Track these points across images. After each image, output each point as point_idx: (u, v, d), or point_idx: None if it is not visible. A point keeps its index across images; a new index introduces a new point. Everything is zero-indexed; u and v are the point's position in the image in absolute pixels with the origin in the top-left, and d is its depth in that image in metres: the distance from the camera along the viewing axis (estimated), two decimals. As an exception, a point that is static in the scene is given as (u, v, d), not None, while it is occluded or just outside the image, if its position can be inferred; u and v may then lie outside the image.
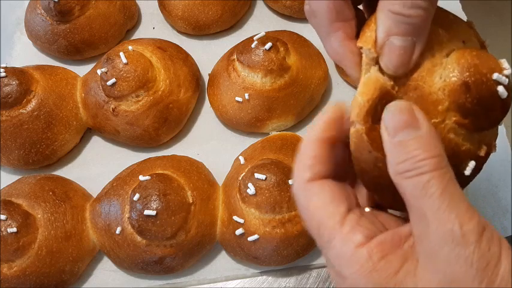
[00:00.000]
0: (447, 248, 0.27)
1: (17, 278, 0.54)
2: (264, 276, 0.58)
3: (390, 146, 0.30)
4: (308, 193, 0.32)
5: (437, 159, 0.28)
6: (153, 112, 0.63)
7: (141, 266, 0.56)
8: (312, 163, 0.33)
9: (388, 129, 0.30)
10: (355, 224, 0.30)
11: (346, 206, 0.31)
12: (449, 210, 0.27)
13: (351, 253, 0.29)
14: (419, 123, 0.29)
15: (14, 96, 0.61)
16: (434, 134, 0.30)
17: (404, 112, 0.30)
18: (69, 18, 0.69)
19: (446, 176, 0.28)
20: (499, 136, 0.61)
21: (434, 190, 0.28)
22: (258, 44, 0.61)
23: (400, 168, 0.29)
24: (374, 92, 0.31)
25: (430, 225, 0.28)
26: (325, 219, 0.31)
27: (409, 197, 0.29)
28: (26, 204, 0.57)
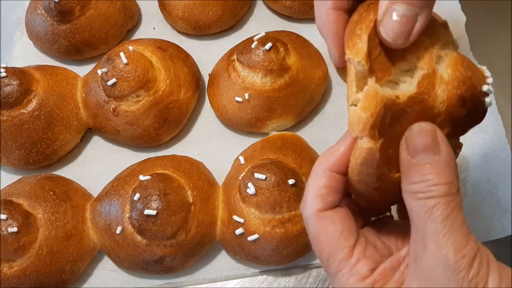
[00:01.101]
0: (440, 271, 0.29)
1: (17, 278, 0.54)
2: (264, 276, 0.58)
3: (408, 165, 0.31)
4: (319, 224, 0.34)
5: (449, 186, 0.30)
6: (153, 112, 0.63)
7: (142, 265, 0.56)
8: (324, 193, 0.35)
9: (408, 148, 0.31)
10: (361, 256, 0.33)
11: (355, 237, 0.34)
12: (448, 236, 0.29)
13: (355, 285, 0.32)
14: (440, 149, 0.31)
15: (14, 96, 0.61)
16: (451, 160, 0.31)
17: (428, 135, 0.31)
18: (70, 18, 0.69)
19: (452, 203, 0.30)
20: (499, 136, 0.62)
21: (438, 215, 0.30)
22: (258, 44, 0.61)
23: (413, 188, 0.31)
24: (376, 106, 0.31)
25: (427, 247, 0.30)
26: (334, 252, 0.33)
27: (414, 216, 0.31)
28: (26, 204, 0.57)
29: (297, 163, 0.56)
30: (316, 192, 0.35)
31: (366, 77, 0.32)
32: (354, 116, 0.32)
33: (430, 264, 0.30)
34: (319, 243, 0.34)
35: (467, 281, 0.29)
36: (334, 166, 0.35)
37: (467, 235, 0.30)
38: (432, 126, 0.31)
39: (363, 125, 0.31)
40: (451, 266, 0.29)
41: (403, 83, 0.33)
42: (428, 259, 0.30)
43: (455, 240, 0.29)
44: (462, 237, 0.30)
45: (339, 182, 0.35)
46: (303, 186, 0.54)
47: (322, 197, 0.34)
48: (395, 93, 0.32)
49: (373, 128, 0.31)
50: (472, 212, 0.58)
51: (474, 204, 0.58)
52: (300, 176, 0.55)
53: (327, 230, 0.34)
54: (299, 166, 0.56)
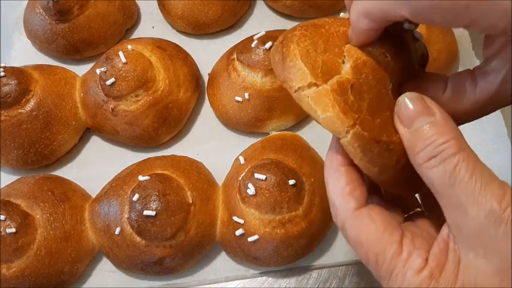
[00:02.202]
0: (492, 229, 0.27)
1: (15, 279, 0.54)
2: (264, 277, 0.58)
3: (408, 136, 0.30)
4: (357, 224, 0.32)
5: (457, 140, 0.29)
6: (153, 112, 0.62)
7: (141, 266, 0.56)
8: (350, 190, 0.33)
9: (403, 121, 0.31)
10: (412, 248, 0.31)
11: (400, 231, 0.32)
12: (484, 191, 0.27)
13: (413, 280, 0.30)
14: (433, 110, 0.30)
15: (12, 96, 0.61)
16: (449, 120, 0.30)
17: (416, 101, 0.31)
18: (68, 17, 0.68)
19: (472, 156, 0.28)
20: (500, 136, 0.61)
21: (464, 174, 0.28)
22: (258, 44, 0.61)
23: (421, 157, 0.29)
24: (332, 98, 0.31)
25: (468, 211, 0.28)
26: (382, 251, 0.31)
27: (438, 187, 0.29)
28: (24, 204, 0.56)
29: (297, 163, 0.56)
30: (342, 192, 0.33)
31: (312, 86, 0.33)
32: (324, 121, 0.32)
33: (477, 226, 0.28)
34: (362, 246, 0.32)
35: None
36: (344, 160, 0.34)
37: (502, 184, 0.28)
38: (417, 94, 0.31)
39: (336, 121, 0.31)
40: (502, 219, 0.27)
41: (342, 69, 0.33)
42: (474, 222, 0.28)
43: (493, 192, 0.27)
44: (498, 186, 0.28)
45: (357, 173, 0.34)
46: (303, 187, 0.54)
47: (350, 194, 0.33)
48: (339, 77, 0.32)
49: (345, 114, 0.31)
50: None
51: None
52: (301, 176, 0.55)
53: (367, 230, 0.32)
54: (299, 166, 0.56)
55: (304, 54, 0.33)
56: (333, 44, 0.34)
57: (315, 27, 0.35)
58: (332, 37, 0.34)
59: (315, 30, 0.35)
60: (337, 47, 0.34)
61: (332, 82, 0.32)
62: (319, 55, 0.33)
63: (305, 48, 0.34)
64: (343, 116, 0.31)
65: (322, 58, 0.33)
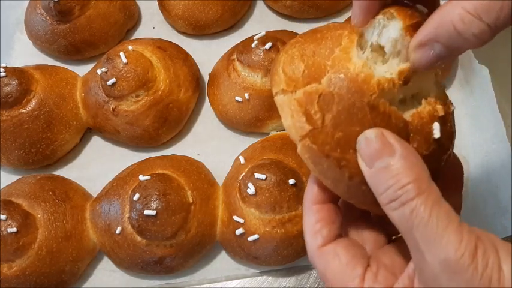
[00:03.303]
0: (446, 279, 0.27)
1: (16, 278, 0.54)
2: (264, 276, 0.58)
3: (370, 177, 0.30)
4: (323, 260, 0.33)
5: (416, 183, 0.28)
6: (153, 112, 0.62)
7: (141, 266, 0.56)
8: (318, 228, 0.34)
9: (364, 159, 0.30)
10: (372, 283, 0.31)
11: (364, 264, 0.32)
12: (439, 238, 0.27)
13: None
14: (392, 149, 0.29)
15: (14, 96, 0.61)
16: (410, 155, 0.29)
17: (376, 140, 0.30)
18: (69, 18, 0.69)
19: (430, 199, 0.28)
20: (499, 136, 0.62)
21: (420, 220, 0.27)
22: (258, 44, 0.61)
23: (384, 198, 0.29)
24: (293, 107, 0.32)
25: (425, 256, 0.28)
26: (344, 285, 0.32)
27: (400, 229, 0.29)
28: (26, 204, 0.57)
29: (297, 163, 0.56)
30: (312, 230, 0.34)
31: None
32: (286, 130, 0.33)
33: (433, 273, 0.28)
34: (327, 281, 0.33)
35: (478, 278, 0.26)
36: (318, 197, 0.35)
37: (459, 228, 0.27)
38: (377, 130, 0.30)
39: (294, 130, 0.32)
40: (455, 269, 0.27)
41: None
42: (430, 268, 0.28)
43: (448, 240, 0.27)
44: (454, 233, 0.27)
45: (329, 212, 0.34)
46: (303, 186, 0.54)
47: (318, 232, 0.34)
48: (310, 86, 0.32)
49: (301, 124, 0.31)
50: (473, 212, 0.58)
51: (475, 204, 0.58)
52: (300, 176, 0.55)
53: (331, 265, 0.33)
54: (299, 166, 0.56)
55: (288, 61, 0.34)
56: (324, 47, 0.33)
57: (313, 32, 0.36)
58: (326, 40, 0.34)
59: (311, 35, 0.35)
60: (329, 50, 0.33)
61: (300, 91, 0.32)
62: (305, 59, 0.33)
63: (291, 55, 0.34)
64: (298, 125, 0.32)
65: (308, 62, 0.33)
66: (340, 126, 0.31)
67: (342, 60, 0.32)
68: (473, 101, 0.64)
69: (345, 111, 0.31)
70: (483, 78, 0.64)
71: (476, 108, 0.63)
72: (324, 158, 0.32)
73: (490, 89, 0.64)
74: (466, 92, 0.65)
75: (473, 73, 0.65)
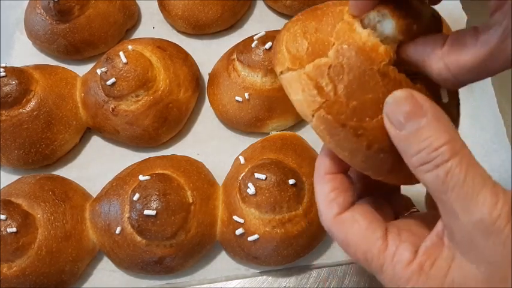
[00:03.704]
0: (481, 239, 0.27)
1: (16, 278, 0.54)
2: (264, 276, 0.58)
3: (400, 140, 0.29)
4: (341, 228, 0.33)
5: (450, 145, 0.28)
6: (153, 112, 0.62)
7: (141, 266, 0.56)
8: (333, 197, 0.33)
9: (393, 122, 0.29)
10: (398, 242, 0.31)
11: (383, 227, 0.32)
12: (475, 199, 0.27)
13: (403, 273, 0.30)
14: (424, 110, 0.29)
15: (13, 96, 0.61)
16: (442, 117, 0.29)
17: (406, 102, 0.29)
18: (69, 17, 0.69)
19: (464, 161, 0.28)
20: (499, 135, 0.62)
21: (456, 181, 0.27)
22: (258, 44, 0.61)
23: (415, 161, 0.28)
24: (303, 82, 0.32)
25: (459, 218, 0.27)
26: (368, 249, 0.31)
27: (432, 191, 0.29)
28: (25, 204, 0.57)
29: (297, 163, 0.56)
30: (326, 199, 0.34)
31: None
32: (296, 106, 0.33)
33: (468, 234, 0.27)
34: (349, 247, 0.33)
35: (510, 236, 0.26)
36: (330, 168, 0.34)
37: (494, 188, 0.27)
38: (407, 92, 0.29)
39: (305, 103, 0.32)
40: (491, 230, 0.26)
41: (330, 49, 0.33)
42: (464, 229, 0.27)
43: (484, 201, 0.27)
44: (490, 193, 0.27)
45: (342, 180, 0.34)
46: (303, 186, 0.54)
47: (334, 201, 0.33)
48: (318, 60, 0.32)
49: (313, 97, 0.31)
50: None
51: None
52: (300, 176, 0.55)
53: (351, 231, 0.32)
54: (299, 166, 0.56)
55: (291, 39, 0.34)
56: (326, 23, 0.33)
57: (313, 9, 0.35)
58: (327, 16, 0.34)
59: (311, 13, 0.35)
60: (331, 26, 0.33)
61: (309, 65, 0.32)
62: (308, 37, 0.33)
63: (293, 33, 0.34)
64: (310, 99, 0.32)
65: (311, 39, 0.33)
66: (353, 95, 0.31)
67: (346, 31, 0.32)
68: (473, 101, 0.64)
69: (357, 80, 0.31)
70: (483, 78, 0.64)
71: (476, 108, 0.63)
72: (340, 128, 0.31)
73: (490, 89, 0.64)
74: (466, 92, 0.65)
75: (473, 73, 0.65)
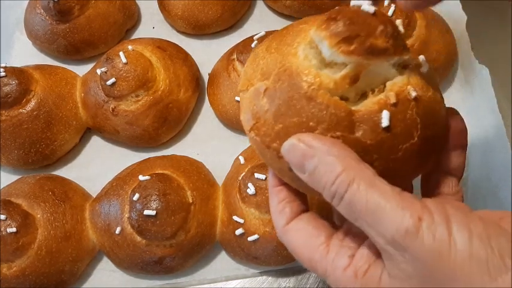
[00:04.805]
0: (399, 256, 0.27)
1: (16, 278, 0.54)
2: (264, 276, 0.58)
3: (307, 181, 0.31)
4: (288, 237, 0.34)
5: (343, 175, 0.28)
6: (153, 112, 0.62)
7: (141, 266, 0.56)
8: (281, 208, 0.35)
9: (295, 168, 0.31)
10: (338, 247, 0.32)
11: (327, 232, 0.33)
12: (381, 220, 0.27)
13: (342, 278, 0.30)
14: (312, 150, 0.30)
15: (13, 96, 0.61)
16: (331, 150, 0.29)
17: (294, 149, 0.30)
18: (69, 17, 0.69)
19: (361, 186, 0.28)
20: (499, 135, 0.62)
21: (359, 208, 0.28)
22: (258, 44, 0.61)
23: (326, 197, 0.30)
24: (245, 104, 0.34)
25: (375, 240, 0.28)
26: (312, 255, 0.32)
27: (350, 220, 0.29)
28: (25, 204, 0.57)
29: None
30: (275, 210, 0.35)
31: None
32: (243, 125, 0.35)
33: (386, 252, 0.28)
34: (297, 255, 0.33)
35: (426, 252, 0.26)
36: (278, 181, 0.36)
37: (399, 203, 0.27)
38: (293, 138, 0.30)
39: (244, 125, 0.35)
40: (403, 247, 0.26)
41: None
42: (383, 249, 0.28)
43: (389, 220, 0.26)
44: (394, 211, 0.27)
45: (290, 191, 0.35)
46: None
47: (281, 212, 0.35)
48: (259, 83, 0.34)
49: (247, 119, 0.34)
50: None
51: (475, 204, 0.58)
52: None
53: (296, 239, 0.34)
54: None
55: (252, 59, 0.36)
56: (285, 43, 0.34)
57: (284, 27, 0.37)
58: (287, 36, 0.35)
59: (280, 31, 0.37)
60: (287, 45, 0.34)
61: (251, 89, 0.34)
62: (266, 57, 0.34)
63: (256, 53, 0.36)
64: (246, 121, 0.34)
65: (267, 60, 0.34)
66: (280, 119, 0.32)
67: (289, 55, 0.33)
68: (473, 101, 0.64)
69: (285, 104, 0.32)
70: (483, 78, 0.64)
71: (476, 108, 0.63)
72: (267, 149, 0.33)
73: (490, 89, 0.64)
74: (466, 92, 0.65)
75: (473, 73, 0.65)
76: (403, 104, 0.31)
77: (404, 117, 0.31)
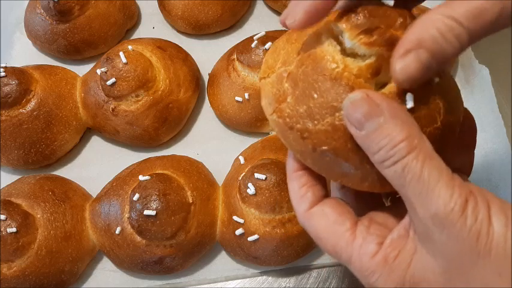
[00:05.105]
0: (437, 232, 0.28)
1: (16, 278, 0.54)
2: (264, 277, 0.58)
3: (361, 140, 0.30)
4: (312, 222, 0.34)
5: (407, 141, 0.28)
6: (153, 112, 0.62)
7: (141, 266, 0.56)
8: (303, 192, 0.34)
9: (353, 124, 0.30)
10: (365, 234, 0.32)
11: (351, 220, 0.33)
12: (430, 193, 0.27)
13: (369, 265, 0.31)
14: (380, 109, 0.29)
15: (13, 96, 0.61)
16: (399, 114, 0.29)
17: (361, 103, 0.29)
18: (69, 17, 0.69)
19: (421, 155, 0.28)
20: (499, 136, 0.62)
21: (412, 176, 0.28)
22: (258, 44, 0.61)
23: (377, 158, 0.29)
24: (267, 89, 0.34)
25: (417, 211, 0.28)
26: (337, 241, 0.32)
27: (394, 186, 0.29)
28: (25, 204, 0.57)
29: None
30: (297, 195, 0.35)
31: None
32: (264, 110, 0.35)
33: (425, 227, 0.28)
34: (320, 240, 0.33)
35: (466, 231, 0.27)
36: (297, 165, 0.35)
37: (451, 182, 0.28)
38: (362, 93, 0.29)
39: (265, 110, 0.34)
40: (445, 223, 0.27)
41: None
42: (422, 223, 0.28)
43: (439, 194, 0.27)
44: (445, 187, 0.27)
45: (311, 175, 0.35)
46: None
47: (303, 197, 0.34)
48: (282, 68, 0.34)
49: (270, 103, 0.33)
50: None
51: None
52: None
53: (320, 225, 0.33)
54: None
55: (272, 50, 0.36)
56: (306, 34, 0.35)
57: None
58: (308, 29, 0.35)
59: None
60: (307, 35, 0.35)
61: (273, 75, 0.34)
62: (287, 47, 0.35)
63: (276, 45, 0.36)
64: (268, 104, 0.34)
65: (288, 49, 0.35)
66: (303, 100, 0.32)
67: (312, 43, 0.33)
68: (473, 101, 0.64)
69: (309, 86, 0.32)
70: (483, 78, 0.64)
71: (476, 108, 0.63)
72: (289, 131, 0.33)
73: (490, 89, 0.64)
74: (466, 92, 0.65)
75: (473, 73, 0.65)
76: (425, 88, 0.32)
77: (428, 101, 0.32)
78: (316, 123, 0.32)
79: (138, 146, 0.66)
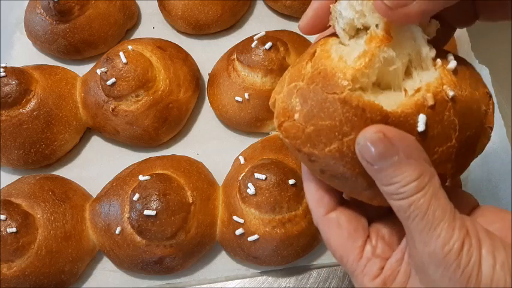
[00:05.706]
0: (432, 268, 0.29)
1: (16, 278, 0.54)
2: (264, 277, 0.58)
3: (372, 172, 0.31)
4: (326, 229, 0.35)
5: (419, 180, 0.29)
6: (153, 112, 0.62)
7: (141, 266, 0.56)
8: (320, 196, 0.36)
9: (366, 159, 0.30)
10: (371, 255, 0.34)
11: (362, 238, 0.34)
12: (432, 232, 0.29)
13: (369, 285, 0.33)
14: (395, 149, 0.29)
15: (13, 96, 0.61)
16: (413, 152, 0.29)
17: (377, 143, 0.29)
18: (69, 17, 0.69)
19: (429, 194, 0.29)
20: (499, 136, 0.62)
21: (417, 213, 0.29)
22: (258, 44, 0.61)
23: (386, 190, 0.30)
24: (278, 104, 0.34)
25: (416, 245, 0.30)
26: (346, 255, 0.34)
27: (398, 216, 0.30)
28: (25, 204, 0.57)
29: (297, 163, 0.56)
30: (314, 198, 0.36)
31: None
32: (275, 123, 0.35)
33: (421, 261, 0.30)
34: (330, 246, 0.35)
35: (459, 273, 0.28)
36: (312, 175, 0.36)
37: (452, 223, 0.29)
38: (378, 132, 0.29)
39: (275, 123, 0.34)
40: (441, 263, 0.28)
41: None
42: (419, 256, 0.30)
43: (440, 234, 0.28)
44: (447, 228, 0.28)
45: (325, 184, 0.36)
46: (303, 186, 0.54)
47: (320, 200, 0.35)
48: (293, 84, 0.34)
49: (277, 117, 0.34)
50: (473, 212, 0.58)
51: (475, 205, 0.58)
52: (301, 176, 0.55)
53: (334, 234, 0.35)
54: (299, 166, 0.56)
55: (289, 70, 0.36)
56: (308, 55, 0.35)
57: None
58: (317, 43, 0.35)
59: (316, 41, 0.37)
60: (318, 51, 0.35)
61: (284, 89, 0.34)
62: (291, 70, 0.35)
63: (294, 62, 0.37)
64: (275, 118, 0.34)
65: (302, 63, 0.34)
66: (311, 120, 0.31)
67: (322, 59, 0.33)
68: (473, 101, 0.64)
69: (318, 106, 0.31)
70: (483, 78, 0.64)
71: (477, 108, 0.63)
72: (297, 152, 0.33)
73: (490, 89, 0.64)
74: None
75: (473, 73, 0.65)
76: (440, 105, 0.31)
77: (442, 118, 0.31)
78: (323, 147, 0.31)
79: (138, 146, 0.66)
